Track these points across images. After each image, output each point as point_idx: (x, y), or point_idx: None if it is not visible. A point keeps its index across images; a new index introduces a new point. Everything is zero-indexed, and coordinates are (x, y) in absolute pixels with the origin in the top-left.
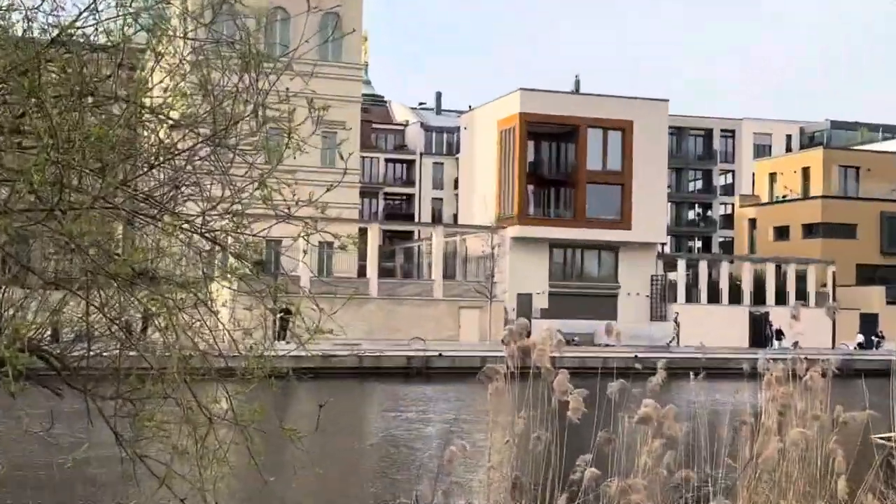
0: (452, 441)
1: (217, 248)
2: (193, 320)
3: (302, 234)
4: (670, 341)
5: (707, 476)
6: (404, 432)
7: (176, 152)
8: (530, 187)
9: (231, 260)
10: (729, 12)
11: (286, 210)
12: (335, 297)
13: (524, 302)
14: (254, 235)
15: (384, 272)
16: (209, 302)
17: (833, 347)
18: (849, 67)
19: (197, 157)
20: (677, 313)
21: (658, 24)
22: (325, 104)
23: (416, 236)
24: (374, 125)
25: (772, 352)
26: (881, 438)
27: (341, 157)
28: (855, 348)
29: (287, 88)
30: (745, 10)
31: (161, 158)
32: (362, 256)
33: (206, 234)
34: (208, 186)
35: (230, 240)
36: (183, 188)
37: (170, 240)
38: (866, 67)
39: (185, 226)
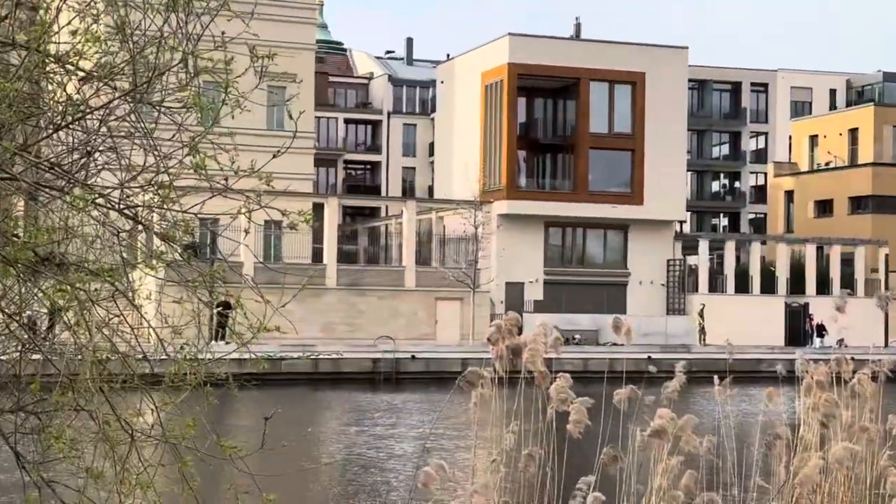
0: (428, 461)
1: (139, 227)
2: (110, 316)
3: (242, 211)
4: (700, 337)
5: (734, 500)
6: (369, 450)
7: (88, 111)
8: (521, 154)
9: (156, 242)
10: None
11: (223, 181)
12: (285, 288)
13: (515, 293)
14: (184, 212)
15: (345, 257)
16: (130, 293)
17: (886, 346)
18: None
19: (113, 117)
20: (703, 305)
21: None
22: (271, 52)
23: (383, 213)
24: (332, 78)
25: (812, 351)
26: None
27: (290, 117)
28: None
29: (223, 33)
30: None
31: (69, 118)
32: (318, 238)
33: (126, 211)
34: (128, 152)
35: (155, 217)
36: (97, 154)
37: (81, 217)
38: None
39: (100, 200)
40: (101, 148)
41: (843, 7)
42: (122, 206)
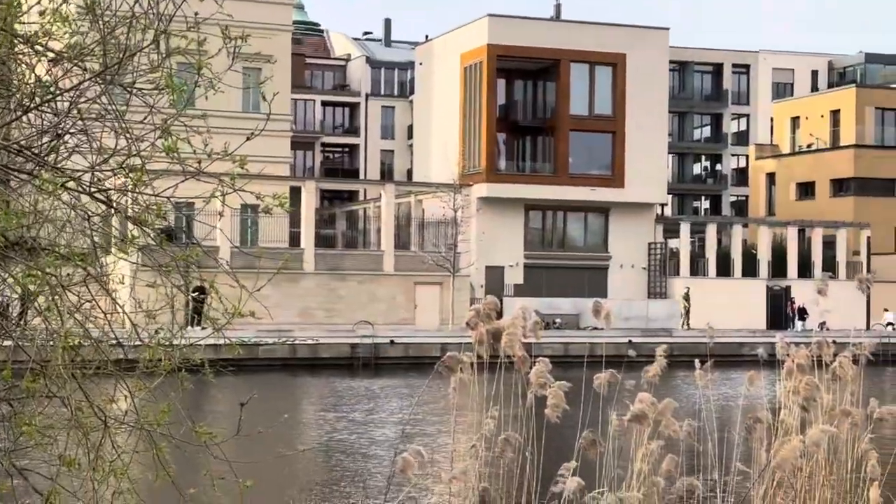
0: (406, 447)
1: (111, 211)
2: (83, 301)
3: (216, 195)
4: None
5: (715, 484)
6: (348, 436)
7: (58, 92)
8: (501, 136)
9: (129, 226)
10: None
11: (196, 165)
12: (260, 272)
13: (495, 277)
14: (156, 196)
15: (322, 241)
16: (103, 278)
17: (867, 328)
18: None
19: (84, 99)
20: (688, 288)
21: None
22: (245, 32)
23: (361, 197)
24: (309, 60)
25: (793, 334)
26: None
27: (264, 99)
28: (887, 327)
29: (196, 13)
30: None
31: (39, 100)
32: (295, 222)
33: (97, 195)
34: (99, 135)
35: (128, 201)
36: (67, 137)
37: (51, 201)
38: None
39: (71, 184)
40: (71, 130)
41: None
42: (93, 190)
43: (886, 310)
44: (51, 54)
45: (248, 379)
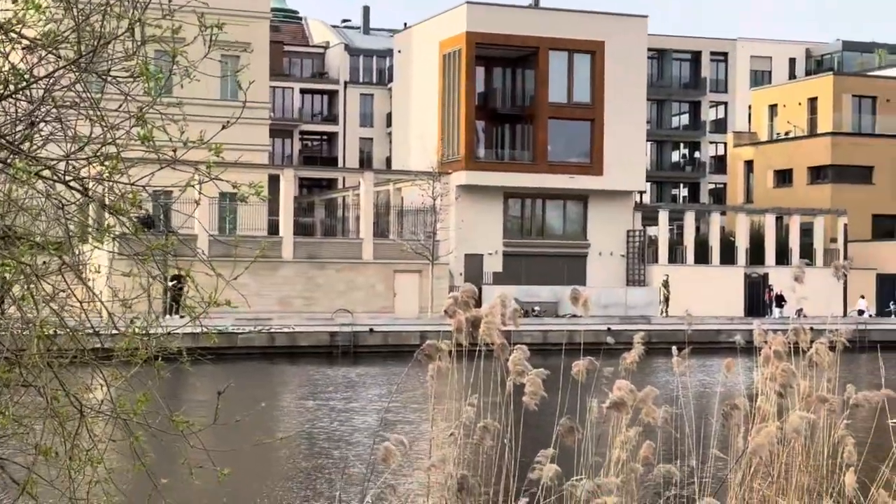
0: (387, 435)
1: (86, 200)
2: (58, 290)
3: (191, 183)
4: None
5: (692, 471)
6: (327, 424)
7: (32, 80)
8: (480, 124)
9: (106, 215)
10: None
11: (171, 153)
12: (237, 261)
13: (474, 265)
14: (132, 184)
15: (301, 229)
16: (78, 267)
17: (844, 315)
18: None
19: (58, 87)
20: (667, 275)
21: None
22: (221, 20)
23: (339, 185)
24: (287, 47)
25: (771, 321)
26: None
27: (240, 87)
28: (860, 314)
29: (171, 1)
30: None
31: (13, 88)
32: (274, 210)
33: (72, 183)
34: (73, 123)
35: (103, 190)
36: (41, 125)
37: (26, 190)
38: None
39: (45, 172)
40: (46, 118)
41: None
42: (68, 179)
43: (863, 297)
44: (25, 42)
45: (226, 367)
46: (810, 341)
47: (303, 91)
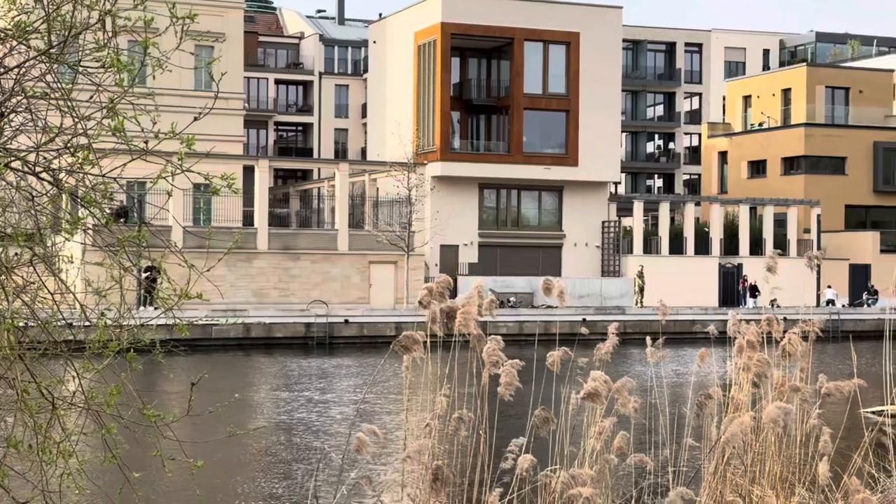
0: (360, 425)
1: (57, 191)
2: (29, 282)
3: (162, 175)
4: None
5: (667, 461)
6: (302, 416)
7: (2, 70)
8: (455, 115)
9: (78, 207)
10: None
11: (143, 144)
12: (210, 252)
13: (449, 255)
14: (104, 176)
15: (276, 220)
16: (51, 259)
17: (818, 305)
18: None
19: (29, 77)
20: (641, 266)
21: None
22: (191, 12)
23: (315, 176)
24: (261, 38)
25: (744, 311)
26: (871, 412)
27: (212, 78)
28: (827, 304)
29: None
30: None
31: None
32: (249, 201)
33: (43, 175)
34: (44, 114)
35: (76, 181)
36: (12, 116)
37: None
38: None
39: (15, 163)
40: (16, 109)
41: None
42: (38, 170)
43: (829, 286)
44: None
45: (201, 359)
46: (783, 331)
47: (277, 82)
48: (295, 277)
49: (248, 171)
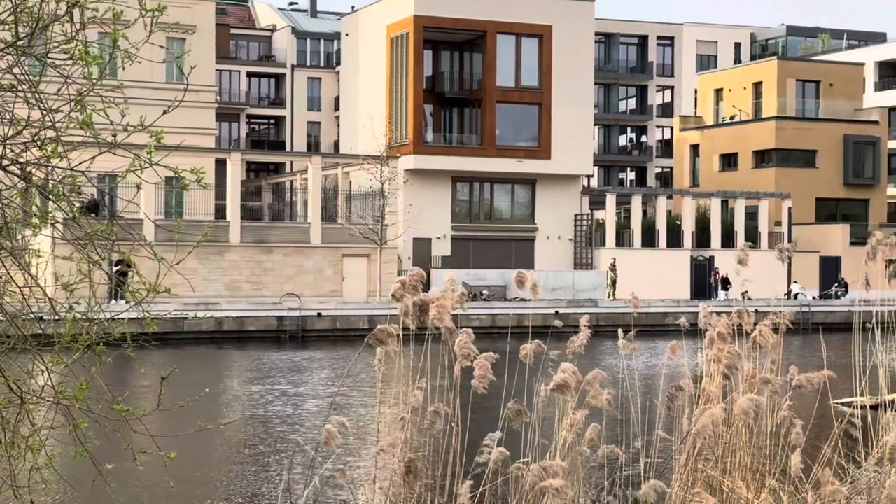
0: (331, 418)
1: (25, 184)
2: None
3: (131, 169)
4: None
5: (638, 453)
6: (274, 409)
7: None
8: (428, 108)
9: (43, 200)
10: None
11: (112, 137)
12: (182, 245)
13: (422, 249)
14: (72, 169)
15: (249, 213)
16: (20, 252)
17: (788, 297)
18: None
19: None
20: (614, 259)
21: None
22: (161, 4)
23: (287, 169)
24: (233, 30)
25: (717, 304)
26: (841, 404)
27: (181, 72)
28: (794, 297)
29: None
30: None
31: None
32: (221, 195)
33: (11, 168)
34: (11, 106)
35: (45, 174)
36: None
37: None
38: None
39: None
40: None
41: None
42: (6, 163)
43: (796, 281)
44: None
45: (173, 353)
46: (754, 323)
47: (250, 74)
48: (268, 271)
49: (221, 165)
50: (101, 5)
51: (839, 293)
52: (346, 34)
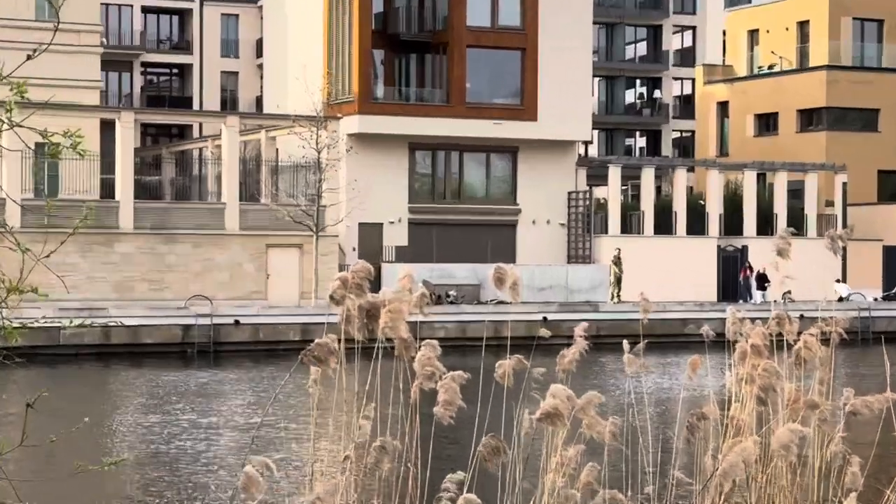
0: (252, 458)
1: None
2: None
3: None
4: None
5: (649, 499)
6: (179, 445)
7: None
8: (378, 54)
9: None
10: None
11: None
12: (54, 233)
13: (371, 237)
14: None
15: (145, 191)
16: None
17: (840, 299)
18: None
19: None
20: (618, 250)
21: None
22: None
23: (195, 133)
24: None
25: (751, 307)
26: None
27: (51, 4)
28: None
29: None
30: None
31: None
32: (109, 167)
33: None
34: None
35: None
36: None
37: None
38: None
39: None
40: None
41: None
42: None
43: (838, 280)
44: None
45: (45, 373)
46: (798, 333)
47: (145, 10)
48: (170, 266)
49: (108, 127)
50: None
51: None
52: None
